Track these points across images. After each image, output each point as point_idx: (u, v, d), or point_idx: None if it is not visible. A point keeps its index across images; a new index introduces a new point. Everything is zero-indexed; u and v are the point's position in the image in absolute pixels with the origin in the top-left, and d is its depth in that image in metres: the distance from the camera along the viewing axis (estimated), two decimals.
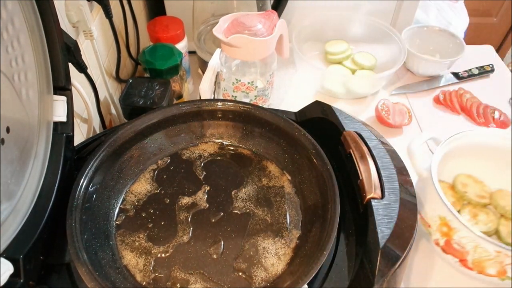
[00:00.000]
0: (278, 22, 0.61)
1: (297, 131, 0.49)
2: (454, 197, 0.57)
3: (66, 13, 0.51)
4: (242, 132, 0.55)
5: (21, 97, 0.37)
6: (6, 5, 0.33)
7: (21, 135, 0.37)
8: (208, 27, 0.84)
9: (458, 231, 0.48)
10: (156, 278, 0.41)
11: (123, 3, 0.69)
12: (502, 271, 0.48)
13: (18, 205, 0.37)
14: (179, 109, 0.52)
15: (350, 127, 0.49)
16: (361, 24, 0.89)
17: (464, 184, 0.58)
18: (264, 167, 0.53)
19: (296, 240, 0.45)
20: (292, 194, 0.50)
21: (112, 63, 0.69)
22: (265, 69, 0.66)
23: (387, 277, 0.37)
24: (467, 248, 0.48)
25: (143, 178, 0.51)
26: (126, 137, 0.49)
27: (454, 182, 0.59)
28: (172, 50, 0.68)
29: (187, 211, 0.47)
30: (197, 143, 0.55)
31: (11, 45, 0.35)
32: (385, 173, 0.43)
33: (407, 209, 0.42)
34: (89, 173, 0.44)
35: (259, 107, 0.53)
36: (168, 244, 0.44)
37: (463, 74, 0.87)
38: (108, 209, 0.46)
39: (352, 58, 0.88)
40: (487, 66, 0.89)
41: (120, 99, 0.60)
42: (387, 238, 0.38)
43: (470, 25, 1.18)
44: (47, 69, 0.41)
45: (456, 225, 0.48)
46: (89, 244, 0.40)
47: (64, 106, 0.44)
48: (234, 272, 0.42)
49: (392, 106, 0.77)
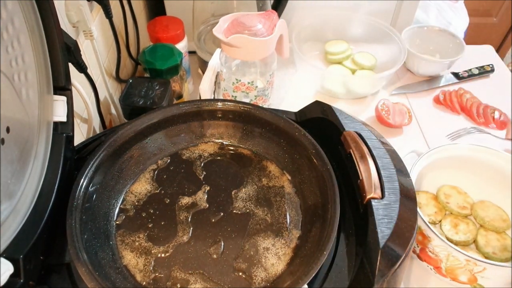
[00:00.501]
0: (278, 22, 0.61)
1: (297, 131, 0.49)
2: (436, 207, 0.59)
3: (66, 13, 0.51)
4: (242, 132, 0.55)
5: (21, 97, 0.37)
6: (6, 5, 0.33)
7: (21, 135, 0.37)
8: (208, 27, 0.84)
9: (432, 240, 0.50)
10: (156, 278, 0.41)
11: (123, 3, 0.69)
12: (472, 278, 0.50)
13: (18, 205, 0.37)
14: (179, 109, 0.52)
15: (350, 127, 0.49)
16: (361, 24, 0.89)
17: (447, 195, 0.61)
18: (264, 167, 0.53)
19: (296, 240, 0.45)
20: (292, 194, 0.50)
21: (112, 63, 0.69)
22: (265, 69, 0.66)
23: (387, 277, 0.37)
24: (440, 256, 0.51)
25: (143, 178, 0.51)
26: (126, 137, 0.49)
27: (437, 192, 0.62)
28: (172, 50, 0.68)
29: (187, 211, 0.47)
30: (197, 143, 0.55)
31: (11, 45, 0.35)
32: (385, 173, 0.43)
33: (407, 209, 0.42)
34: (89, 173, 0.44)
35: (259, 107, 0.53)
36: (168, 244, 0.44)
37: (463, 74, 0.87)
38: (108, 209, 0.46)
39: (352, 58, 0.88)
40: (487, 66, 0.89)
41: (120, 99, 0.60)
42: (387, 238, 0.38)
43: (470, 25, 1.18)
44: (47, 69, 0.41)
45: (430, 234, 0.50)
46: (89, 244, 0.40)
47: (64, 106, 0.44)
48: (234, 272, 0.42)
49: (392, 106, 0.77)
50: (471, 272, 0.49)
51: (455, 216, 0.58)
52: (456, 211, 0.59)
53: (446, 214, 0.59)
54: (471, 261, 0.47)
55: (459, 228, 0.57)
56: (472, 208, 0.59)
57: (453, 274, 0.51)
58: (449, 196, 0.60)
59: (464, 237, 0.56)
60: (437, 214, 0.59)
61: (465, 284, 0.51)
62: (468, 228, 0.57)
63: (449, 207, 0.59)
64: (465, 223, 0.57)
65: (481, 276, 0.49)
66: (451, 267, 0.50)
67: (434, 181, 0.62)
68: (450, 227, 0.57)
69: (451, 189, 0.61)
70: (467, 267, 0.49)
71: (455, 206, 0.59)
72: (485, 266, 0.47)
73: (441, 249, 0.50)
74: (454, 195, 0.61)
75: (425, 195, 0.61)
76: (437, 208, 0.59)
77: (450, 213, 0.59)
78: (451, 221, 0.57)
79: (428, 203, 0.60)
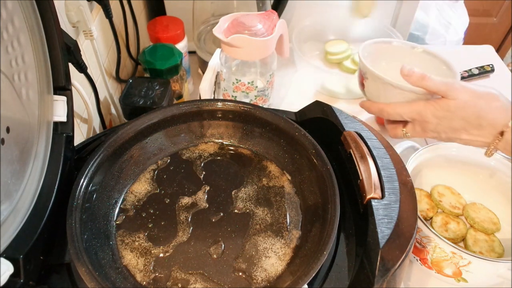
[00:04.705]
0: (278, 22, 0.61)
1: (297, 131, 0.49)
2: (429, 205, 0.61)
3: (66, 13, 0.51)
4: (242, 132, 0.55)
5: (21, 97, 0.37)
6: (6, 5, 0.33)
7: (21, 135, 0.37)
8: (208, 27, 0.84)
9: (420, 230, 0.51)
10: (156, 278, 0.41)
11: (123, 3, 0.69)
12: (457, 272, 0.51)
13: (18, 205, 0.37)
14: (179, 109, 0.52)
15: (350, 127, 0.49)
16: (361, 24, 0.89)
17: (440, 194, 0.62)
18: (264, 167, 0.53)
19: (296, 240, 0.45)
20: (292, 194, 0.50)
21: (112, 63, 0.69)
22: (265, 69, 0.66)
23: (387, 277, 0.37)
24: (427, 247, 0.51)
25: (143, 178, 0.51)
26: (126, 137, 0.49)
27: (431, 191, 0.63)
28: (172, 50, 0.68)
29: (187, 211, 0.47)
30: (197, 143, 0.55)
31: (11, 45, 0.35)
32: (385, 173, 0.43)
33: (407, 209, 0.42)
34: (89, 173, 0.44)
35: (259, 107, 0.53)
36: (168, 244, 0.44)
37: (463, 74, 0.87)
38: (108, 209, 0.46)
39: (352, 58, 0.88)
40: (487, 66, 0.89)
41: (120, 99, 0.60)
42: (387, 238, 0.38)
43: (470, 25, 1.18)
44: (47, 69, 0.41)
45: (420, 225, 0.51)
46: (89, 244, 0.40)
47: (64, 106, 0.44)
48: (234, 272, 0.42)
49: None
50: (456, 265, 0.50)
51: (446, 215, 0.59)
52: (448, 209, 0.60)
53: (438, 212, 0.60)
54: (457, 253, 0.48)
55: (449, 226, 0.58)
56: (464, 209, 0.60)
57: (439, 266, 0.52)
58: (443, 195, 0.61)
59: (453, 235, 0.57)
60: (429, 210, 0.60)
61: (450, 277, 0.52)
62: (458, 227, 0.57)
63: (442, 205, 0.60)
64: (455, 222, 0.58)
65: (465, 270, 0.50)
66: (437, 259, 0.51)
67: (429, 180, 0.63)
68: (441, 224, 0.58)
69: (445, 189, 0.62)
70: (453, 260, 0.49)
71: (447, 205, 0.60)
72: (470, 260, 0.48)
73: (428, 240, 0.51)
74: (448, 195, 0.62)
75: (419, 192, 0.62)
76: (429, 206, 0.60)
77: (442, 212, 0.60)
78: (442, 219, 0.58)
79: (421, 200, 0.61)
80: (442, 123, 0.53)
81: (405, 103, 0.56)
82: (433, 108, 0.53)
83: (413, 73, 0.54)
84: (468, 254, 0.47)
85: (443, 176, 0.63)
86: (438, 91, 0.52)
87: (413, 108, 0.55)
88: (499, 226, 0.58)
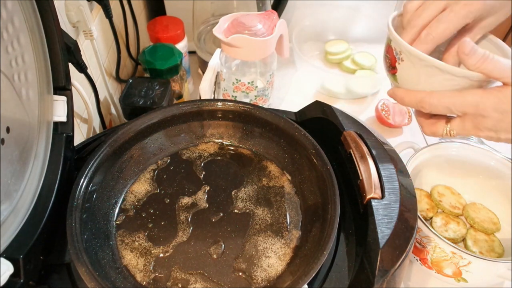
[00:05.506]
0: (278, 22, 0.61)
1: (297, 131, 0.49)
2: (429, 205, 0.61)
3: (66, 13, 0.51)
4: (242, 132, 0.55)
5: (21, 97, 0.37)
6: (6, 5, 0.33)
7: (21, 135, 0.37)
8: (208, 27, 0.84)
9: (420, 230, 0.51)
10: (156, 278, 0.41)
11: (123, 3, 0.69)
12: (457, 272, 0.51)
13: (18, 205, 0.37)
14: (179, 109, 0.52)
15: (350, 127, 0.49)
16: (361, 24, 0.89)
17: (440, 194, 0.62)
18: (264, 167, 0.53)
19: (296, 240, 0.45)
20: (292, 194, 0.50)
21: (112, 63, 0.69)
22: (265, 69, 0.66)
23: (387, 277, 0.37)
24: (427, 247, 0.51)
25: (143, 178, 0.51)
26: (126, 137, 0.49)
27: (431, 191, 0.62)
28: (172, 50, 0.68)
29: (187, 211, 0.47)
30: (197, 143, 0.55)
31: (11, 45, 0.35)
32: (385, 173, 0.43)
33: (407, 209, 0.42)
34: (89, 173, 0.44)
35: (259, 107, 0.53)
36: (168, 244, 0.44)
37: None
38: (108, 209, 0.46)
39: (352, 58, 0.88)
40: None
41: (120, 99, 0.60)
42: (387, 238, 0.38)
43: None
44: (47, 69, 0.41)
45: (420, 225, 0.51)
46: (89, 244, 0.40)
47: (64, 106, 0.44)
48: (234, 272, 0.42)
49: (392, 106, 0.77)
50: (456, 265, 0.50)
51: (446, 215, 0.59)
52: (448, 209, 0.60)
53: (438, 212, 0.60)
54: (457, 253, 0.48)
55: (449, 226, 0.58)
56: (464, 209, 0.60)
57: (439, 266, 0.52)
58: (443, 195, 0.61)
59: (453, 235, 0.57)
60: (429, 210, 0.60)
61: (450, 277, 0.52)
62: (458, 227, 0.57)
63: (442, 205, 0.60)
64: (455, 222, 0.58)
65: (465, 270, 0.50)
66: (437, 259, 0.51)
67: (429, 180, 0.63)
68: (441, 224, 0.58)
69: (445, 189, 0.62)
70: (453, 260, 0.49)
71: (447, 205, 0.60)
72: (470, 260, 0.48)
73: (428, 240, 0.51)
74: (448, 195, 0.62)
75: (419, 192, 0.62)
76: (429, 206, 0.60)
77: (442, 212, 0.60)
78: (442, 219, 0.58)
79: (421, 200, 0.61)
80: (505, 119, 0.39)
81: (455, 92, 0.42)
82: (496, 99, 0.39)
83: (475, 52, 0.39)
84: (468, 254, 0.47)
85: (443, 176, 0.63)
86: (502, 77, 0.39)
87: (466, 98, 0.40)
88: (499, 226, 0.58)
